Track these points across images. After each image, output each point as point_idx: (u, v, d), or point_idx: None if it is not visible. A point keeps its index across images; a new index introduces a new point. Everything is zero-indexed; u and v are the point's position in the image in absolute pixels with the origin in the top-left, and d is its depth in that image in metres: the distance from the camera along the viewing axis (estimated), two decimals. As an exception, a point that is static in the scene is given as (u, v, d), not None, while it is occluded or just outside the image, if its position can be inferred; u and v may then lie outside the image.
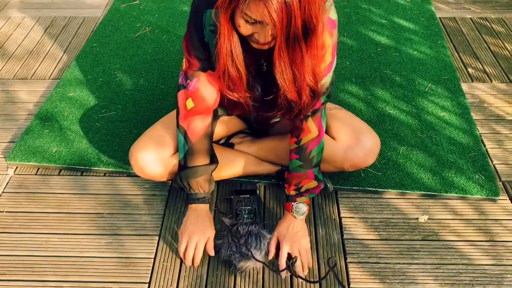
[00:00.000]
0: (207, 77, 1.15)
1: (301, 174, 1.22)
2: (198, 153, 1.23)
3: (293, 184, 1.23)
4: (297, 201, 1.23)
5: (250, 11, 0.88)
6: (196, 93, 1.16)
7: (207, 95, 1.16)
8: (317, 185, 1.24)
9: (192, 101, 1.17)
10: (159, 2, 2.36)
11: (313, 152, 1.21)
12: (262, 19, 0.88)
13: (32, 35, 2.18)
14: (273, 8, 0.85)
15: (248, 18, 0.90)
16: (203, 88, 1.15)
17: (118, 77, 1.86)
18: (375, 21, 2.20)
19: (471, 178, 1.45)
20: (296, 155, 1.22)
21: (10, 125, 1.69)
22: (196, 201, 1.25)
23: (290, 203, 1.24)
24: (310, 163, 1.22)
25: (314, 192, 1.25)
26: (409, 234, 1.31)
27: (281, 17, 0.87)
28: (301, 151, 1.21)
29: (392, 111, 1.70)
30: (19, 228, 1.34)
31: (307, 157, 1.21)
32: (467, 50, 2.04)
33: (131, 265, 1.25)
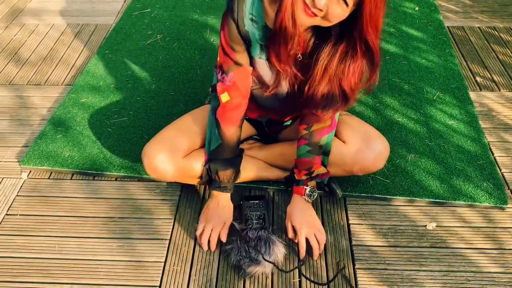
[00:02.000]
0: (242, 72, 1.18)
1: (310, 159, 1.27)
2: (230, 147, 1.27)
3: (304, 168, 1.28)
4: (308, 185, 1.28)
5: None
6: (233, 86, 1.19)
7: (242, 87, 1.20)
8: (326, 172, 1.29)
9: (228, 95, 1.21)
10: (170, 10, 2.40)
11: (323, 140, 1.25)
12: None
13: (45, 42, 2.22)
14: None
15: None
16: (239, 81, 1.19)
17: (130, 84, 1.90)
18: (383, 29, 2.22)
19: (479, 186, 1.46)
20: (305, 141, 1.27)
21: (24, 130, 1.72)
22: (219, 189, 1.29)
23: (301, 187, 1.29)
24: (319, 149, 1.26)
25: (322, 177, 1.30)
26: (417, 241, 1.32)
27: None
28: (311, 136, 1.26)
29: (401, 119, 1.71)
30: (32, 231, 1.37)
31: (317, 143, 1.25)
32: (475, 59, 2.05)
33: (141, 268, 1.26)
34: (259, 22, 1.09)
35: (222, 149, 1.26)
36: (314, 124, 1.24)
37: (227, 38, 1.13)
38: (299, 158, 1.29)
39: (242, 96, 1.21)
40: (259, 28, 1.10)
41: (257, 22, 1.09)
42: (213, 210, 1.30)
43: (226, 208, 1.31)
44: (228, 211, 1.31)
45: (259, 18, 1.08)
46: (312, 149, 1.26)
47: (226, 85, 1.19)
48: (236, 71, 1.17)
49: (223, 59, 1.18)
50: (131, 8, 2.42)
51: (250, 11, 1.07)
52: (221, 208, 1.30)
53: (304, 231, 1.26)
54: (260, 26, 1.09)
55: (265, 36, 1.11)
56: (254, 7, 1.07)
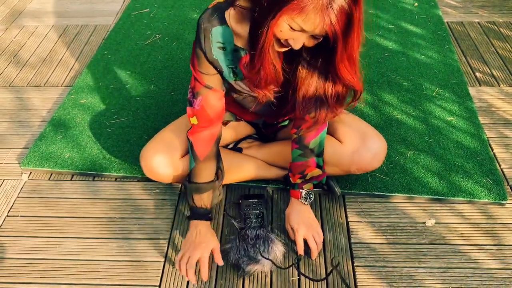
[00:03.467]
0: (211, 95, 1.16)
1: (303, 162, 1.27)
2: (203, 170, 1.24)
3: (298, 172, 1.28)
4: (304, 188, 1.28)
5: (306, 23, 0.87)
6: (201, 111, 1.18)
7: (211, 112, 1.18)
8: (321, 173, 1.29)
9: (196, 119, 1.20)
10: (169, 9, 2.40)
11: (313, 143, 1.25)
12: (317, 32, 0.88)
13: (45, 44, 2.23)
14: (334, 19, 0.85)
15: (296, 26, 0.88)
16: (208, 106, 1.17)
17: (129, 84, 1.90)
18: (382, 26, 2.22)
19: (478, 182, 1.46)
20: (296, 145, 1.27)
21: (24, 132, 1.73)
22: (198, 217, 1.25)
23: (297, 190, 1.29)
24: (311, 152, 1.26)
25: (318, 179, 1.30)
26: (416, 238, 1.32)
27: (344, 26, 0.86)
28: (300, 140, 1.26)
29: (400, 116, 1.71)
30: (33, 232, 1.38)
31: (307, 146, 1.25)
32: (474, 54, 2.05)
33: (141, 268, 1.27)
34: (228, 47, 1.08)
35: (196, 172, 1.24)
36: (303, 127, 1.23)
37: (195, 64, 1.13)
38: (293, 162, 1.29)
39: (211, 120, 1.19)
40: (228, 53, 1.09)
41: (225, 48, 1.08)
42: (196, 239, 1.22)
43: (209, 234, 1.24)
44: (212, 237, 1.24)
45: (228, 43, 1.07)
46: (304, 153, 1.26)
47: (195, 109, 1.18)
48: (204, 95, 1.16)
49: (194, 83, 1.17)
50: (130, 9, 2.43)
51: (217, 40, 1.07)
52: (203, 236, 1.23)
53: (301, 231, 1.26)
54: (229, 51, 1.09)
55: (234, 59, 1.10)
56: (221, 35, 1.06)
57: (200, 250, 1.20)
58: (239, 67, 1.11)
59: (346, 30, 0.88)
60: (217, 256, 1.23)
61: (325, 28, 0.87)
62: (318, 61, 1.03)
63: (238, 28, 1.05)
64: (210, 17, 1.05)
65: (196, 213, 1.26)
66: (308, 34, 0.91)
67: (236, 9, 1.04)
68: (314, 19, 0.85)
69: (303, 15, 0.85)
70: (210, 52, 1.09)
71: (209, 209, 1.27)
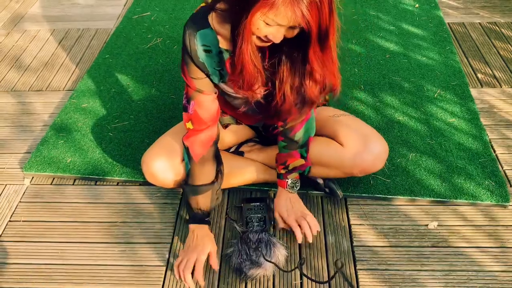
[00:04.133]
0: (203, 98, 1.18)
1: (286, 154, 1.31)
2: (199, 173, 1.24)
3: (281, 163, 1.32)
4: (288, 178, 1.32)
5: (278, 17, 0.89)
6: (194, 115, 1.19)
7: (205, 115, 1.20)
8: (303, 163, 1.32)
9: (192, 123, 1.21)
10: (169, 13, 2.40)
11: (297, 135, 1.27)
12: (292, 23, 0.90)
13: (46, 48, 2.23)
14: (306, 10, 0.87)
15: (271, 22, 0.91)
16: (200, 109, 1.19)
17: (130, 88, 1.90)
18: (383, 27, 2.22)
19: (481, 184, 1.45)
20: (281, 137, 1.30)
21: (26, 136, 1.73)
22: (196, 221, 1.26)
23: (283, 180, 1.33)
24: (296, 144, 1.29)
25: (301, 169, 1.33)
26: (419, 241, 1.32)
27: (315, 17, 0.89)
28: (285, 133, 1.28)
29: (401, 118, 1.71)
30: (35, 237, 1.38)
31: (291, 139, 1.28)
32: (476, 55, 2.04)
33: (144, 272, 1.27)
34: (214, 49, 1.09)
35: (191, 174, 1.25)
36: (289, 120, 1.24)
37: (185, 71, 1.15)
38: (278, 153, 1.33)
39: (205, 123, 1.20)
40: (214, 56, 1.10)
41: (211, 51, 1.10)
42: (194, 243, 1.23)
43: (207, 238, 1.24)
44: (209, 240, 1.24)
45: (213, 46, 1.09)
46: (288, 145, 1.29)
47: (189, 114, 1.20)
48: (197, 99, 1.17)
49: (186, 88, 1.19)
50: (131, 12, 2.43)
51: (202, 43, 1.08)
52: (200, 239, 1.23)
53: (292, 217, 1.29)
54: (215, 53, 1.10)
55: (221, 61, 1.11)
56: (205, 38, 1.08)
57: (196, 253, 1.21)
58: (225, 69, 1.12)
59: (319, 20, 0.90)
60: (213, 260, 1.23)
61: (298, 20, 0.89)
62: (298, 55, 1.03)
63: (221, 30, 1.07)
64: (194, 21, 1.08)
65: (194, 217, 1.26)
66: (285, 27, 0.93)
67: (217, 12, 1.06)
68: (285, 12, 0.87)
69: (274, 10, 0.87)
70: (196, 56, 1.11)
71: (206, 213, 1.27)
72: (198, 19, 1.08)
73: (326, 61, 1.00)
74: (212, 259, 1.23)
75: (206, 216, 1.27)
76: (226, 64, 1.11)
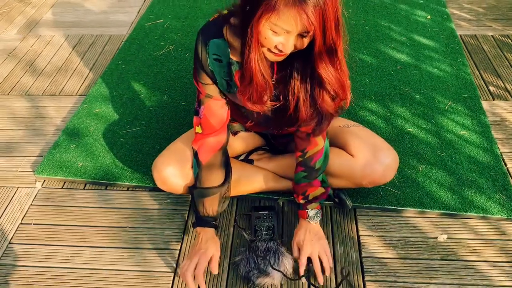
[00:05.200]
0: (213, 103, 1.19)
1: (305, 184, 1.27)
2: (207, 176, 1.25)
3: (300, 193, 1.29)
4: (308, 208, 1.28)
5: (283, 22, 0.88)
6: (204, 119, 1.21)
7: (214, 120, 1.21)
8: (324, 191, 1.29)
9: (201, 128, 1.22)
10: (182, 20, 2.43)
11: (318, 163, 1.25)
12: (299, 28, 0.88)
13: (61, 53, 2.27)
14: (310, 13, 0.85)
15: (278, 29, 0.90)
16: (210, 114, 1.20)
17: (143, 94, 1.92)
18: (395, 38, 2.22)
19: (491, 197, 1.44)
20: (301, 167, 1.26)
21: (39, 140, 1.76)
22: (202, 225, 1.26)
23: (303, 210, 1.29)
24: (316, 173, 1.26)
25: (322, 198, 1.29)
26: (428, 254, 1.31)
27: (319, 21, 0.87)
28: (306, 163, 1.25)
29: (412, 129, 1.70)
30: (45, 240, 1.39)
31: (312, 168, 1.25)
32: (488, 68, 2.04)
33: (152, 278, 1.28)
34: (224, 59, 1.10)
35: (199, 177, 1.25)
36: (308, 149, 1.23)
37: (196, 75, 1.16)
38: (296, 184, 1.29)
39: (214, 128, 1.21)
40: (224, 66, 1.11)
41: (222, 60, 1.11)
42: (198, 246, 1.24)
43: (210, 242, 1.24)
44: (213, 244, 1.24)
45: (224, 56, 1.10)
46: (308, 174, 1.25)
47: (199, 119, 1.21)
48: (206, 104, 1.19)
49: (197, 92, 1.21)
50: (144, 19, 2.46)
51: (213, 52, 1.10)
52: (204, 243, 1.23)
53: (306, 250, 1.24)
54: (225, 63, 1.11)
55: (230, 72, 1.12)
56: (217, 47, 1.09)
57: (198, 257, 1.21)
58: (234, 80, 1.13)
59: (323, 24, 0.88)
60: (213, 264, 1.22)
61: (304, 23, 0.87)
62: (307, 66, 1.02)
63: (234, 43, 1.08)
64: (208, 30, 1.10)
65: (200, 220, 1.27)
66: (293, 34, 0.91)
67: (230, 26, 1.07)
68: (289, 15, 0.86)
69: (277, 14, 0.86)
70: (206, 63, 1.12)
71: (213, 216, 1.27)
72: (213, 28, 1.09)
73: (334, 70, 0.99)
74: (212, 263, 1.22)
75: (213, 220, 1.28)
76: (235, 76, 1.12)
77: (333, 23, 0.90)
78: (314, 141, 1.22)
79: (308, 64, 1.01)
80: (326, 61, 0.97)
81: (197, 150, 1.24)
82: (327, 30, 0.90)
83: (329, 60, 0.97)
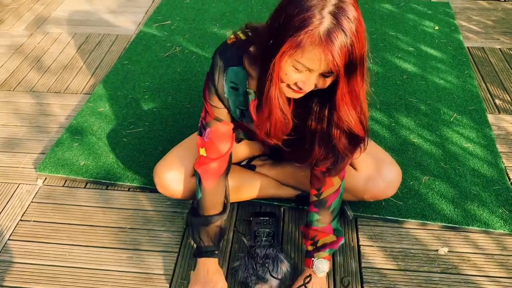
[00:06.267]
0: (221, 127, 1.15)
1: (317, 228, 1.20)
2: (210, 202, 1.21)
3: (310, 238, 1.21)
4: (315, 256, 1.19)
5: (307, 60, 0.84)
6: (209, 143, 1.17)
7: (220, 145, 1.17)
8: (335, 240, 1.20)
9: (205, 151, 1.18)
10: (190, 23, 2.43)
11: (333, 205, 1.19)
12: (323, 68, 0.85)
13: (67, 50, 2.27)
14: (336, 53, 0.81)
15: (300, 66, 0.86)
16: (217, 138, 1.16)
17: (147, 95, 1.92)
18: (402, 48, 2.21)
19: (494, 212, 1.43)
20: (315, 208, 1.20)
21: (42, 137, 1.76)
22: (205, 255, 1.21)
23: (309, 259, 1.20)
24: (330, 217, 1.20)
25: (332, 247, 1.20)
26: (428, 266, 1.30)
27: (344, 62, 0.83)
28: (320, 205, 1.19)
29: (416, 140, 1.69)
30: (44, 238, 1.39)
31: (327, 211, 1.19)
32: (494, 81, 2.03)
33: (149, 280, 1.27)
34: (241, 88, 1.07)
35: (203, 204, 1.21)
36: (324, 189, 1.18)
37: (206, 96, 1.12)
38: (308, 226, 1.22)
39: (220, 153, 1.17)
40: (240, 94, 1.08)
41: (238, 89, 1.07)
42: (204, 279, 1.19)
43: (217, 274, 1.21)
44: (220, 276, 1.21)
45: (241, 85, 1.06)
46: (322, 218, 1.19)
47: (204, 141, 1.17)
48: (213, 127, 1.15)
49: (204, 113, 1.16)
50: (151, 20, 2.46)
51: (231, 80, 1.06)
52: (212, 275, 1.20)
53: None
54: (242, 92, 1.07)
55: (246, 102, 1.09)
56: (236, 76, 1.05)
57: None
58: (249, 109, 1.09)
59: (348, 65, 0.85)
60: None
61: (328, 64, 0.83)
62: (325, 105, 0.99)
63: (252, 71, 1.04)
64: (228, 56, 1.04)
65: (204, 250, 1.22)
66: (315, 73, 0.88)
67: (249, 55, 1.03)
68: (314, 53, 0.83)
69: (302, 52, 0.83)
70: (222, 90, 1.08)
71: (217, 245, 1.23)
72: (232, 55, 1.04)
73: (356, 112, 0.95)
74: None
75: (216, 249, 1.23)
76: (250, 106, 1.08)
77: (359, 65, 0.87)
78: (330, 181, 1.17)
79: (327, 104, 0.98)
80: (348, 103, 0.93)
81: (200, 175, 1.20)
82: (352, 73, 0.87)
83: (351, 103, 0.93)
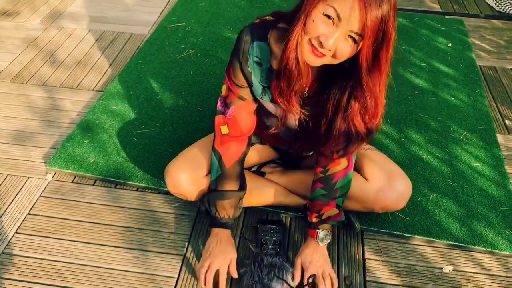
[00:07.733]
0: (244, 107, 1.18)
1: (322, 202, 1.25)
2: (229, 178, 1.26)
3: (315, 211, 1.26)
4: (320, 228, 1.25)
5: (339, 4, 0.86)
6: (233, 121, 1.19)
7: (243, 123, 1.20)
8: (338, 213, 1.26)
9: (228, 128, 1.21)
10: (204, 25, 2.44)
11: (339, 183, 1.23)
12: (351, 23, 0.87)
13: (81, 46, 2.28)
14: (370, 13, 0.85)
15: (331, 11, 0.88)
16: (240, 116, 1.19)
17: (159, 96, 1.93)
18: (414, 63, 2.22)
19: (501, 233, 1.43)
20: (321, 184, 1.24)
21: (53, 132, 1.76)
22: (219, 225, 1.27)
23: (313, 230, 1.26)
24: (334, 193, 1.24)
25: (335, 219, 1.26)
26: (433, 283, 1.30)
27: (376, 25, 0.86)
28: (327, 180, 1.23)
29: (425, 156, 1.70)
30: (51, 233, 1.39)
31: (332, 187, 1.23)
32: (505, 101, 2.03)
33: (154, 282, 1.27)
34: (264, 64, 1.10)
35: (222, 180, 1.25)
36: (330, 166, 1.23)
37: (231, 75, 1.15)
38: (312, 201, 1.27)
39: (242, 131, 1.20)
40: (264, 70, 1.11)
41: (262, 64, 1.10)
42: (216, 249, 1.24)
43: (229, 244, 1.26)
44: (231, 247, 1.25)
45: (265, 61, 1.09)
46: (328, 193, 1.24)
47: (226, 118, 1.19)
48: (237, 105, 1.17)
49: (227, 92, 1.18)
50: (166, 21, 2.47)
51: (256, 54, 1.09)
52: (224, 245, 1.24)
53: (311, 271, 1.23)
54: (265, 68, 1.10)
55: (268, 78, 1.11)
56: (260, 50, 1.08)
57: (219, 261, 1.22)
58: (271, 87, 1.12)
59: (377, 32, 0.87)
60: (232, 268, 1.23)
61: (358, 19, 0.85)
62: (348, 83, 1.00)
63: (276, 49, 1.07)
64: (254, 31, 1.08)
65: (218, 221, 1.27)
66: (341, 28, 0.89)
67: (277, 30, 1.05)
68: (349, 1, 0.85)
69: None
70: (246, 64, 1.11)
71: (230, 218, 1.27)
72: (259, 30, 1.07)
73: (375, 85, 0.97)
74: (231, 267, 1.23)
75: (230, 221, 1.27)
76: (273, 83, 1.10)
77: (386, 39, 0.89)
78: (337, 160, 1.21)
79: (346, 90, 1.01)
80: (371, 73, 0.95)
81: (221, 154, 1.24)
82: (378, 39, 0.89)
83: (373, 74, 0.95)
